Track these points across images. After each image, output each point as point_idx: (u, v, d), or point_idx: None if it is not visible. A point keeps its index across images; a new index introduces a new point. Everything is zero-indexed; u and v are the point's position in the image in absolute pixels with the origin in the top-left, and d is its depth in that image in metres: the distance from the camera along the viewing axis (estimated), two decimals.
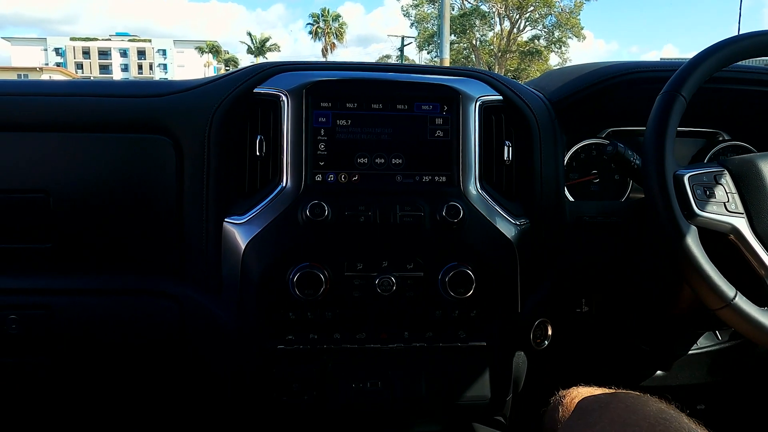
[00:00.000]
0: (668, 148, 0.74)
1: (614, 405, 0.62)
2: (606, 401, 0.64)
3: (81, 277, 0.90)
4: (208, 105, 0.88)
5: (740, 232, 0.74)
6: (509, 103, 0.92)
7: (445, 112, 0.89)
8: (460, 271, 0.84)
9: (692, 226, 0.72)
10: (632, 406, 0.60)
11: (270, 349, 0.85)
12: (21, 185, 0.88)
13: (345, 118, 0.87)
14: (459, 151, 0.88)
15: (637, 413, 0.58)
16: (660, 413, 0.57)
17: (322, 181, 0.86)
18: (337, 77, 0.88)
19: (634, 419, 0.57)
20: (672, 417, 0.56)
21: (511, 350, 0.93)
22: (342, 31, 49.84)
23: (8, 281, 0.89)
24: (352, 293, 0.85)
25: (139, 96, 0.90)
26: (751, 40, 0.80)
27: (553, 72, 1.14)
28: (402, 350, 0.88)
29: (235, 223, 0.85)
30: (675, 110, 0.75)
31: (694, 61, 0.78)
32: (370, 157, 0.87)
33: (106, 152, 0.89)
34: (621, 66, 1.00)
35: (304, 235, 0.83)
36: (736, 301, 0.70)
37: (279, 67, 0.89)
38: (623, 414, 0.59)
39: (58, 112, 0.88)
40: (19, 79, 0.98)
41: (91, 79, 1.14)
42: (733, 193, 0.76)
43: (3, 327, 0.87)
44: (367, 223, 0.84)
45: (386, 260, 0.86)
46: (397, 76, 0.90)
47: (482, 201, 0.88)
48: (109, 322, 0.91)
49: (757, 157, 0.79)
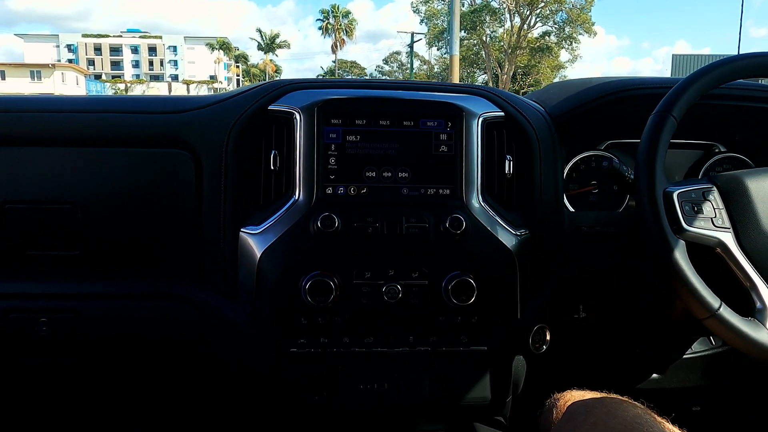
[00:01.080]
0: (659, 166, 0.79)
1: (598, 409, 0.67)
2: (591, 405, 0.69)
3: (106, 282, 0.96)
4: (225, 121, 0.93)
5: (726, 246, 0.79)
6: (510, 118, 0.97)
7: (450, 128, 0.94)
8: (463, 279, 0.89)
9: (680, 240, 0.77)
10: (613, 411, 0.65)
11: (283, 352, 0.91)
12: (50, 197, 0.93)
13: (354, 134, 0.92)
14: (462, 165, 0.93)
15: (617, 417, 0.63)
16: (636, 417, 0.62)
17: (332, 193, 0.91)
18: (346, 95, 0.93)
19: (614, 423, 0.62)
20: (646, 421, 0.61)
21: (510, 354, 0.97)
22: (352, 28, 49.88)
23: (39, 286, 0.95)
24: (361, 300, 0.90)
25: (161, 112, 0.96)
26: (739, 63, 0.84)
27: (555, 85, 1.18)
28: (407, 354, 0.93)
29: (250, 233, 0.91)
30: (665, 131, 0.79)
31: (685, 83, 0.82)
32: (378, 170, 0.92)
33: (129, 165, 0.95)
34: (619, 83, 1.04)
35: (315, 245, 0.88)
36: (721, 312, 0.74)
37: (292, 85, 0.95)
38: (605, 418, 0.64)
39: (86, 128, 0.94)
40: (50, 96, 1.04)
41: (116, 95, 1.20)
42: (720, 209, 0.80)
43: (34, 329, 0.93)
44: (374, 234, 0.89)
45: (393, 269, 0.91)
46: (404, 94, 0.95)
47: (484, 213, 0.93)
48: (131, 324, 0.96)
49: (744, 174, 0.83)
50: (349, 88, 0.96)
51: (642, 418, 0.62)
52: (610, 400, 0.69)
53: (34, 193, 0.93)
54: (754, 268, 0.78)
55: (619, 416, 0.63)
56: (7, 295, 0.94)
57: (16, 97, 0.98)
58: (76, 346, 0.96)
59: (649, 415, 0.63)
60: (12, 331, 0.93)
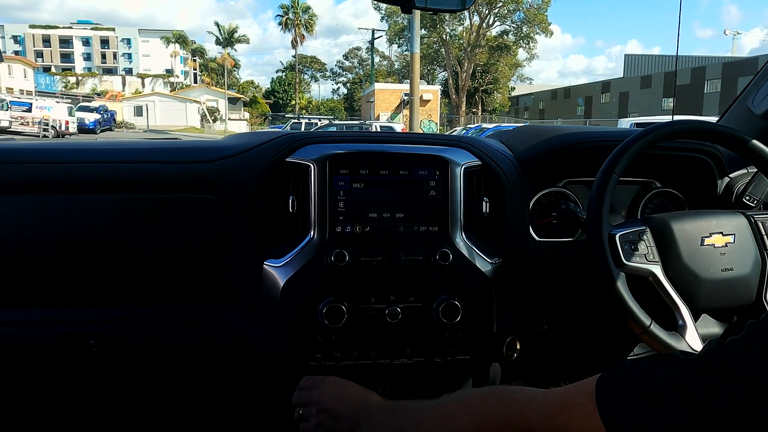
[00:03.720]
0: (604, 213, 1.00)
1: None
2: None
3: (145, 309, 1.12)
4: (249, 170, 1.10)
5: (656, 275, 1.01)
6: (486, 167, 1.17)
7: (438, 176, 1.13)
8: (450, 302, 1.09)
9: (621, 272, 0.99)
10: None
11: (302, 365, 1.08)
12: (97, 236, 1.08)
13: (359, 182, 1.10)
14: (448, 207, 1.12)
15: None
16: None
17: (341, 232, 1.09)
18: (353, 150, 1.11)
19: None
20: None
21: (488, 362, 1.18)
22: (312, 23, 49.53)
23: (87, 313, 1.10)
24: (367, 321, 1.08)
25: (193, 162, 1.12)
26: (670, 128, 1.06)
27: (523, 130, 1.39)
28: (405, 364, 1.12)
29: (273, 266, 1.08)
30: (609, 186, 1.01)
31: (625, 145, 1.04)
32: (379, 212, 1.11)
33: (164, 208, 1.10)
34: (577, 135, 1.26)
35: (329, 275, 1.06)
36: (651, 328, 0.97)
37: (306, 140, 1.12)
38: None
39: (129, 177, 1.09)
40: (100, 146, 1.17)
41: (151, 140, 1.35)
42: (651, 246, 1.03)
43: (84, 348, 1.08)
44: (378, 266, 1.08)
45: (393, 294, 1.09)
46: (400, 148, 1.14)
47: (466, 246, 1.12)
48: (167, 344, 1.13)
49: (669, 217, 1.06)
50: (354, 142, 1.14)
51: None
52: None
53: (84, 233, 1.08)
54: (677, 293, 1.01)
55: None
56: (62, 321, 1.08)
57: (71, 148, 1.12)
58: (119, 363, 1.11)
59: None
60: (65, 351, 1.08)
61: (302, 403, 0.93)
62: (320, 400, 0.89)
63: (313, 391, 0.92)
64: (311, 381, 0.95)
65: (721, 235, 1.04)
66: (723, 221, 1.06)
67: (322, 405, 0.89)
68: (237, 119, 44.94)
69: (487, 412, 0.70)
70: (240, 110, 49.39)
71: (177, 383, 1.18)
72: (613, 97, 38.26)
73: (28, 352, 1.08)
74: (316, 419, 0.89)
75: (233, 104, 48.95)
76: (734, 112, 1.48)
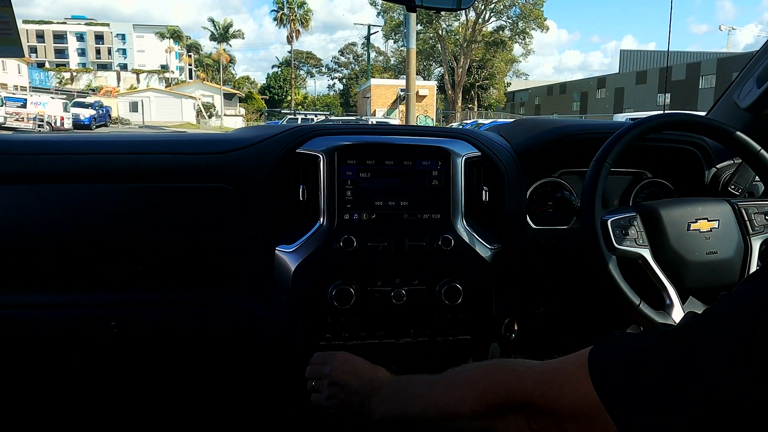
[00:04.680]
0: (597, 201, 1.07)
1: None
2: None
3: (164, 293, 1.18)
4: (262, 161, 1.16)
5: (645, 258, 1.08)
6: (486, 158, 1.23)
7: (440, 167, 1.19)
8: (452, 285, 1.15)
9: (613, 255, 1.06)
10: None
11: (313, 345, 1.15)
12: (116, 224, 1.14)
13: (366, 172, 1.16)
14: (449, 195, 1.18)
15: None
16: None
17: (349, 219, 1.15)
18: (360, 141, 1.17)
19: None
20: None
21: (487, 341, 1.25)
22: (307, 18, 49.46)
23: (109, 297, 1.16)
24: (374, 303, 1.15)
25: (209, 153, 1.18)
26: (658, 120, 1.13)
27: (521, 122, 1.46)
28: (410, 343, 1.18)
29: (285, 251, 1.14)
30: (602, 175, 1.08)
31: (617, 136, 1.10)
32: (384, 200, 1.17)
33: (182, 197, 1.16)
34: (571, 127, 1.32)
35: (338, 260, 1.12)
36: (641, 307, 1.04)
37: (315, 132, 1.18)
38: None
39: (146, 167, 1.15)
40: (121, 138, 1.23)
41: (170, 132, 1.41)
42: (641, 231, 1.09)
43: (106, 330, 1.14)
44: (384, 251, 1.14)
45: (398, 278, 1.15)
46: (404, 140, 1.20)
47: (467, 232, 1.19)
48: (185, 326, 1.19)
49: (658, 204, 1.12)
50: (361, 134, 1.20)
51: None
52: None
53: (106, 220, 1.14)
54: (664, 274, 1.08)
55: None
56: (85, 305, 1.14)
57: (93, 140, 1.18)
58: (140, 344, 1.18)
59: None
60: (88, 333, 1.14)
61: (314, 377, 0.99)
62: (332, 374, 0.95)
63: (324, 365, 0.98)
64: (323, 356, 1.02)
65: (706, 221, 1.11)
66: (708, 208, 1.12)
67: (334, 378, 0.95)
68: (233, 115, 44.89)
69: (488, 382, 0.75)
70: (235, 106, 49.32)
71: (194, 362, 1.24)
72: (608, 92, 38.41)
73: (55, 333, 1.14)
74: (327, 391, 0.95)
75: (229, 100, 48.86)
76: (722, 106, 1.55)
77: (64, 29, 65.78)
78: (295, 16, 48.00)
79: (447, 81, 39.02)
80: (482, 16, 36.16)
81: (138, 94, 42.35)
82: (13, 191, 1.11)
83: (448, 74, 39.03)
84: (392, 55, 49.59)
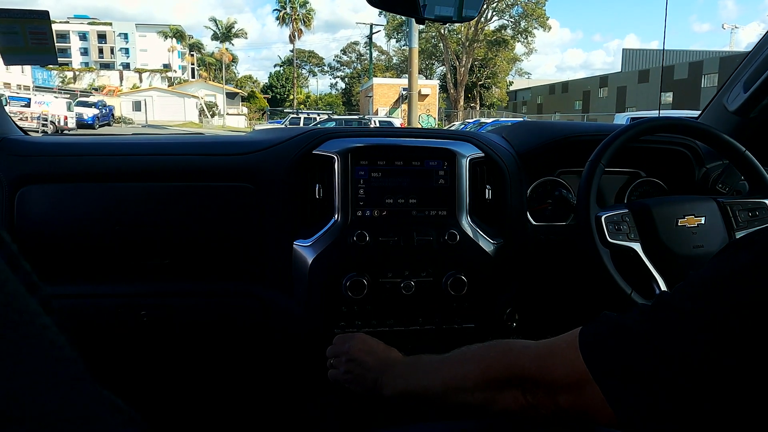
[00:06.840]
0: (592, 198, 1.16)
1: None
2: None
3: (190, 284, 1.27)
4: (281, 161, 1.25)
5: (636, 252, 1.17)
6: (489, 158, 1.32)
7: (446, 167, 1.28)
8: (457, 277, 1.24)
9: (606, 249, 1.14)
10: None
11: (328, 332, 1.24)
12: (146, 220, 1.23)
13: (377, 172, 1.25)
14: (455, 194, 1.27)
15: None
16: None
17: (362, 216, 1.24)
18: (372, 143, 1.26)
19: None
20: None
21: (490, 330, 1.33)
22: (309, 18, 49.53)
23: (140, 287, 1.25)
24: (385, 293, 1.24)
25: (232, 154, 1.27)
26: (650, 124, 1.21)
27: (522, 125, 1.54)
28: (418, 331, 1.27)
29: (302, 245, 1.23)
30: (596, 174, 1.16)
31: (610, 139, 1.19)
32: (394, 198, 1.26)
33: (207, 194, 1.25)
34: (569, 129, 1.41)
35: (352, 253, 1.21)
36: (632, 296, 1.12)
37: (330, 135, 1.27)
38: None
39: (174, 167, 1.24)
40: (152, 140, 1.32)
41: (189, 135, 1.50)
42: (633, 227, 1.18)
43: (137, 318, 1.24)
44: (394, 245, 1.23)
45: (407, 270, 1.24)
46: (413, 142, 1.29)
47: (471, 228, 1.27)
48: (210, 315, 1.28)
49: (648, 201, 1.21)
50: (373, 137, 1.29)
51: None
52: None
53: (137, 216, 1.23)
54: (654, 266, 1.16)
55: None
56: (117, 295, 1.24)
57: (124, 142, 1.27)
58: (168, 330, 1.27)
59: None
60: (121, 320, 1.23)
61: (334, 355, 1.08)
62: (350, 351, 1.04)
63: (344, 344, 1.07)
64: (343, 337, 1.10)
65: (694, 217, 1.19)
66: (695, 205, 1.21)
67: (351, 355, 1.03)
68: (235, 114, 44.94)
69: (490, 359, 0.84)
70: (238, 105, 49.39)
71: (218, 349, 1.33)
72: (610, 91, 38.43)
73: (91, 321, 1.24)
74: (344, 367, 1.03)
75: (231, 99, 48.94)
76: (712, 109, 1.63)
77: (67, 28, 65.93)
78: (297, 15, 48.07)
79: (449, 80, 39.08)
80: (484, 15, 36.17)
81: (141, 94, 42.45)
82: (59, 190, 1.20)
83: (450, 73, 39.09)
84: (394, 54, 49.69)
